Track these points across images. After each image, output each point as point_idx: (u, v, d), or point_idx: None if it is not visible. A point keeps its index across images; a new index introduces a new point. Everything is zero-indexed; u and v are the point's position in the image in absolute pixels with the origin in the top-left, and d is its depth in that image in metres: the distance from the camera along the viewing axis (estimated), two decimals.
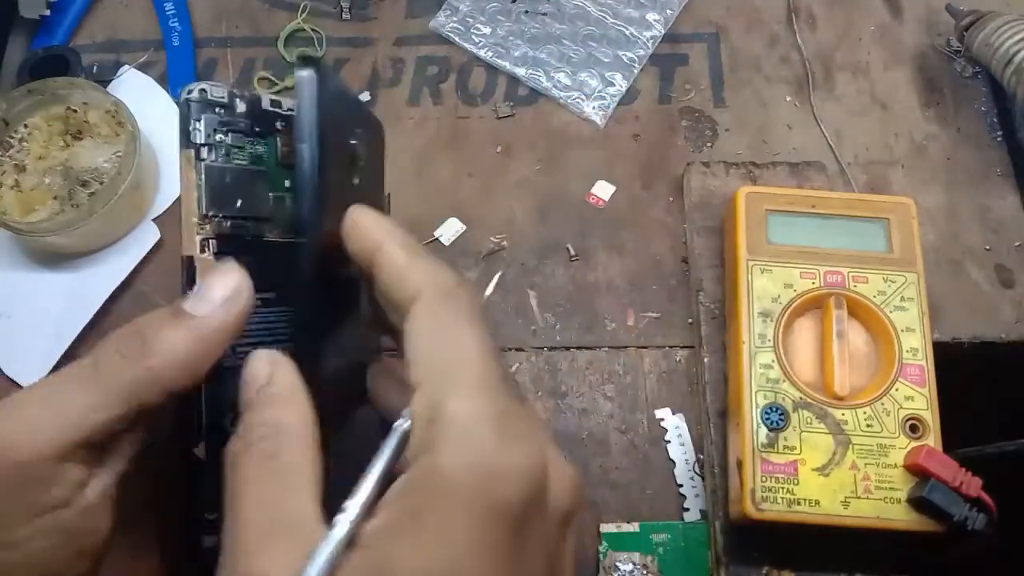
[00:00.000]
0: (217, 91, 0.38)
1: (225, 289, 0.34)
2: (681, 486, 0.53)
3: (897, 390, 0.48)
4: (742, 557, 0.49)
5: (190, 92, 0.37)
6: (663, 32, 0.67)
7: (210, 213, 0.37)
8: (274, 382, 0.32)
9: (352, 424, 0.38)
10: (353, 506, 0.28)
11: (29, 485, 0.31)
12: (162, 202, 0.61)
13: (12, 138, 0.58)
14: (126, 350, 0.32)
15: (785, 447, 0.47)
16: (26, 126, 0.59)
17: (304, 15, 0.68)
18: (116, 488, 0.34)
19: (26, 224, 0.55)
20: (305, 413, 0.31)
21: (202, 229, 0.37)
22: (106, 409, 0.32)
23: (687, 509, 0.53)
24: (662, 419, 0.55)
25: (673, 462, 0.54)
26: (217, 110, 0.38)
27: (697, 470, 0.53)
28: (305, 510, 0.28)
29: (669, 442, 0.54)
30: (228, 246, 0.37)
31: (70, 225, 0.55)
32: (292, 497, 0.29)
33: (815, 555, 0.49)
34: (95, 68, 0.66)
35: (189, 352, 0.33)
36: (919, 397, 0.48)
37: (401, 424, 0.30)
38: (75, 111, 0.59)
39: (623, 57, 0.66)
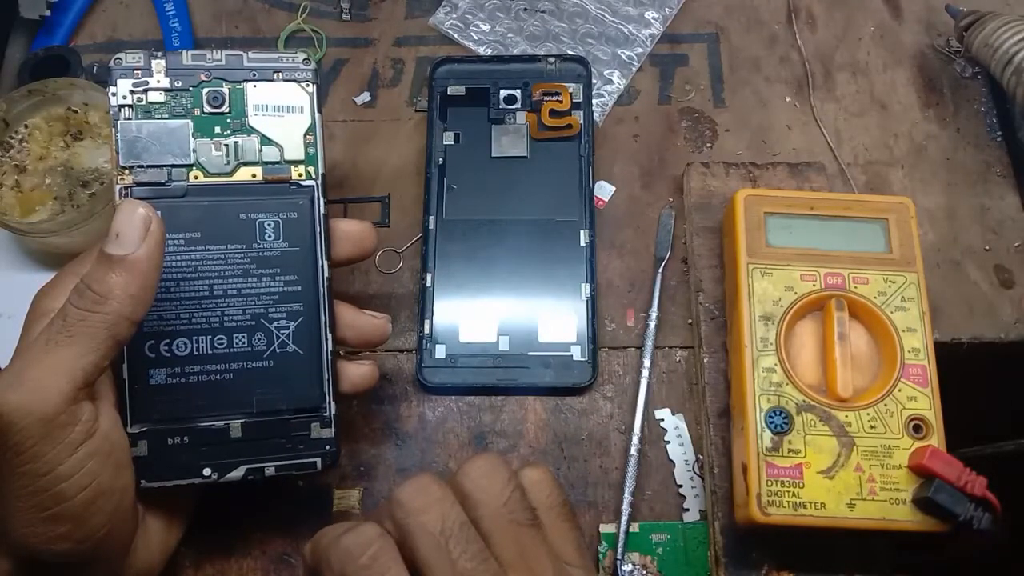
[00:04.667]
0: (133, 56, 0.45)
1: (138, 227, 0.40)
2: (681, 486, 0.53)
3: (900, 391, 0.48)
4: (742, 557, 0.50)
5: (111, 63, 0.45)
6: (662, 30, 0.67)
7: (127, 164, 0.44)
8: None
9: None
10: None
11: (57, 431, 0.38)
12: None
13: (12, 138, 0.58)
14: (85, 304, 0.39)
15: (790, 450, 0.47)
16: (26, 126, 0.58)
17: (304, 15, 0.68)
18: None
19: (26, 224, 0.55)
20: None
21: (121, 179, 0.44)
22: (93, 353, 0.39)
23: (687, 509, 0.53)
24: (662, 419, 0.55)
25: (673, 462, 0.54)
26: (136, 73, 0.45)
27: (697, 470, 0.53)
28: None
29: (669, 442, 0.54)
30: (148, 192, 0.44)
31: (70, 225, 0.55)
32: None
33: (815, 555, 0.49)
34: (95, 68, 0.65)
35: (136, 287, 0.39)
36: (922, 397, 0.48)
37: None
38: (75, 111, 0.59)
39: (622, 55, 0.66)
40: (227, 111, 0.46)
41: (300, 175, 0.47)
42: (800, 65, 0.66)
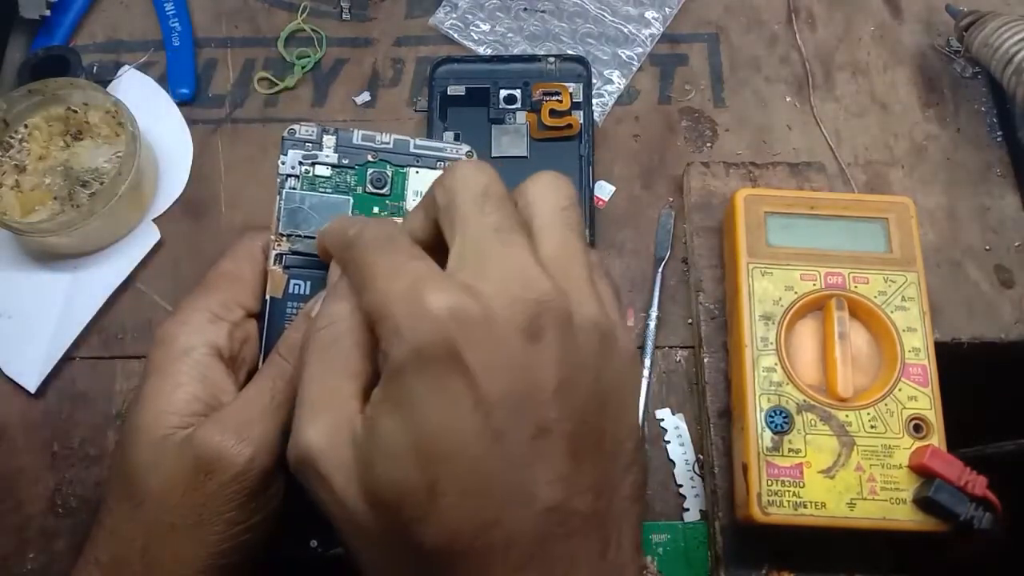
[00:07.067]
0: (306, 129, 0.46)
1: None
2: (681, 486, 0.53)
3: (900, 390, 0.48)
4: (742, 557, 0.50)
5: (286, 131, 0.46)
6: (662, 30, 0.67)
7: (285, 233, 0.45)
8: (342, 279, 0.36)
9: None
10: None
11: (269, 486, 0.39)
12: (162, 202, 0.61)
13: (12, 138, 0.58)
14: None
15: (790, 450, 0.47)
16: (26, 126, 0.58)
17: (304, 15, 0.68)
18: None
19: (26, 224, 0.55)
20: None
21: (277, 245, 0.45)
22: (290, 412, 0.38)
23: (687, 509, 0.53)
24: (662, 419, 0.55)
25: (673, 462, 0.54)
26: (307, 146, 0.46)
27: (697, 470, 0.54)
28: (346, 391, 0.33)
29: (669, 442, 0.54)
30: (301, 261, 0.45)
31: (70, 225, 0.55)
32: (338, 379, 0.34)
33: (815, 555, 0.49)
34: (95, 68, 0.66)
35: None
36: (922, 397, 0.48)
37: None
38: (75, 111, 0.59)
39: (622, 55, 0.66)
40: (387, 193, 0.46)
41: None
42: (800, 65, 0.66)
